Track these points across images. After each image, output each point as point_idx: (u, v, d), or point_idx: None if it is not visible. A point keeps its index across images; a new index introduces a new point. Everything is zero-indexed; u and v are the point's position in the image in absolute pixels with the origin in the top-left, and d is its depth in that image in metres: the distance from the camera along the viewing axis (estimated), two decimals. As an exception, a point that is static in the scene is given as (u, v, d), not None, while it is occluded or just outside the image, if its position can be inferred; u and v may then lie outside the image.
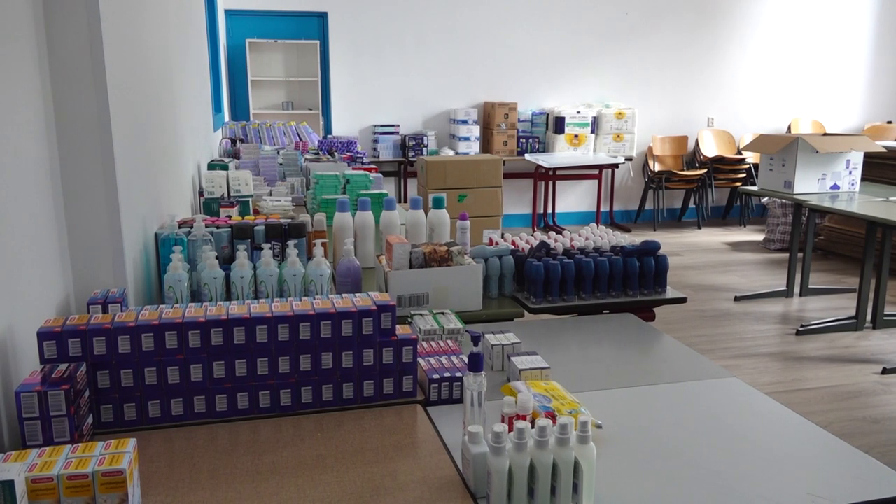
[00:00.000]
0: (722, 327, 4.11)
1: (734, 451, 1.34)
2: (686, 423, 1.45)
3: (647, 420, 1.46)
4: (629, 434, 1.39)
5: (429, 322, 1.81)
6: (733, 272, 5.31)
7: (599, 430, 1.36)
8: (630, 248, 2.25)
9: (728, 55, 7.26)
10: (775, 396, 3.20)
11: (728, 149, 7.18)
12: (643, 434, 1.40)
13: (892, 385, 3.30)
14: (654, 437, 1.38)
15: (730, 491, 1.20)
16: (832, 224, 5.76)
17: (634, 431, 1.40)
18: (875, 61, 7.58)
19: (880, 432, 2.86)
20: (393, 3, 6.55)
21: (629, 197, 7.29)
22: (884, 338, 3.92)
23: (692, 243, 6.32)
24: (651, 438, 1.38)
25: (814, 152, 4.03)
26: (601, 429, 1.36)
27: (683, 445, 1.35)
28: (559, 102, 6.94)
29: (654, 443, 1.36)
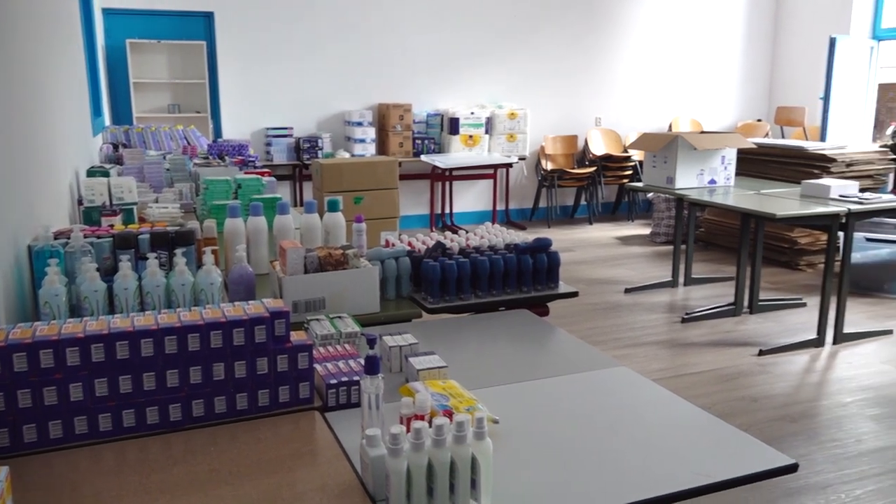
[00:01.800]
0: (614, 319, 4.27)
1: (624, 436, 1.39)
2: (579, 412, 1.50)
3: (542, 412, 1.50)
4: (525, 427, 1.42)
5: (325, 327, 1.78)
6: (623, 265, 5.53)
7: (496, 425, 1.38)
8: (523, 246, 2.31)
9: (613, 57, 7.56)
10: (664, 382, 3.36)
11: (615, 147, 7.48)
12: (538, 426, 1.43)
13: (768, 365, 3.54)
14: (548, 429, 1.42)
15: (620, 474, 1.25)
16: (711, 217, 6.10)
17: (530, 424, 1.44)
18: (745, 64, 8.09)
19: (759, 410, 3.05)
20: (282, 4, 6.43)
21: (524, 195, 7.47)
22: (759, 322, 4.19)
23: (584, 239, 6.55)
24: (546, 430, 1.42)
25: (692, 149, 4.26)
26: (498, 424, 1.39)
27: (577, 434, 1.40)
28: (453, 104, 7.02)
29: (548, 434, 1.40)
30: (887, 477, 2.51)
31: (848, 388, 3.26)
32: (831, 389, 3.27)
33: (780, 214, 3.54)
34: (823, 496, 2.40)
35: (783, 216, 3.56)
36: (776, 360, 3.61)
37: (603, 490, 1.20)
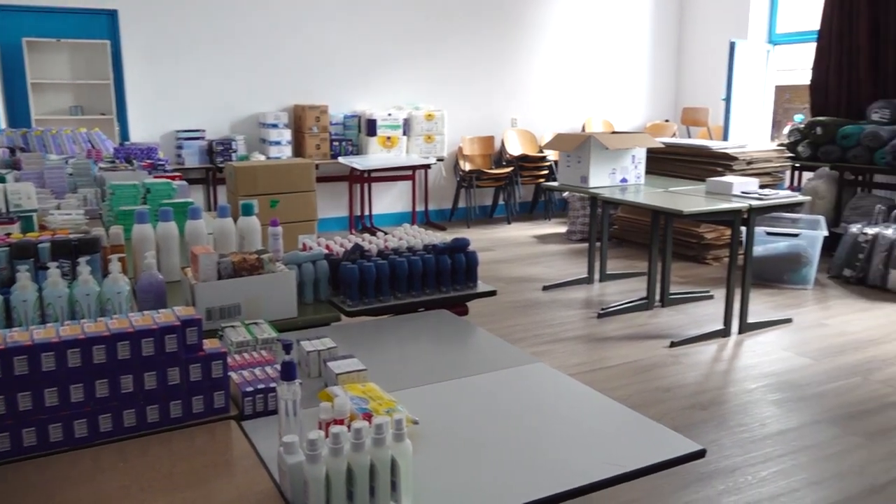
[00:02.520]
0: (533, 316, 4.35)
1: (542, 431, 1.42)
2: (498, 410, 1.52)
3: (462, 411, 1.51)
4: (446, 426, 1.43)
5: (241, 334, 1.74)
6: (541, 263, 5.64)
7: (416, 426, 1.38)
8: (441, 246, 2.32)
9: (527, 59, 7.70)
10: (582, 376, 3.45)
11: (531, 147, 7.62)
12: (458, 425, 1.44)
13: (679, 356, 3.68)
14: (468, 427, 1.43)
15: (538, 469, 1.28)
16: (624, 214, 6.30)
17: (450, 423, 1.45)
18: (653, 67, 8.39)
19: (671, 399, 3.17)
20: (191, 2, 6.24)
21: (443, 196, 7.50)
22: (671, 314, 4.36)
23: (503, 238, 6.64)
24: (466, 428, 1.43)
25: (604, 149, 4.38)
26: (418, 424, 1.39)
27: (496, 431, 1.42)
28: (370, 105, 6.98)
29: (468, 432, 1.41)
30: (789, 458, 2.66)
31: (752, 375, 3.43)
32: (737, 377, 3.43)
33: (686, 211, 3.69)
34: (732, 479, 2.51)
35: (690, 213, 3.71)
36: (687, 350, 3.76)
37: (521, 485, 1.22)
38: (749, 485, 2.47)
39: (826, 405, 3.09)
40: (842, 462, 2.62)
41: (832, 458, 2.65)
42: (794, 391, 3.24)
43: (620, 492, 2.37)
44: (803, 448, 2.73)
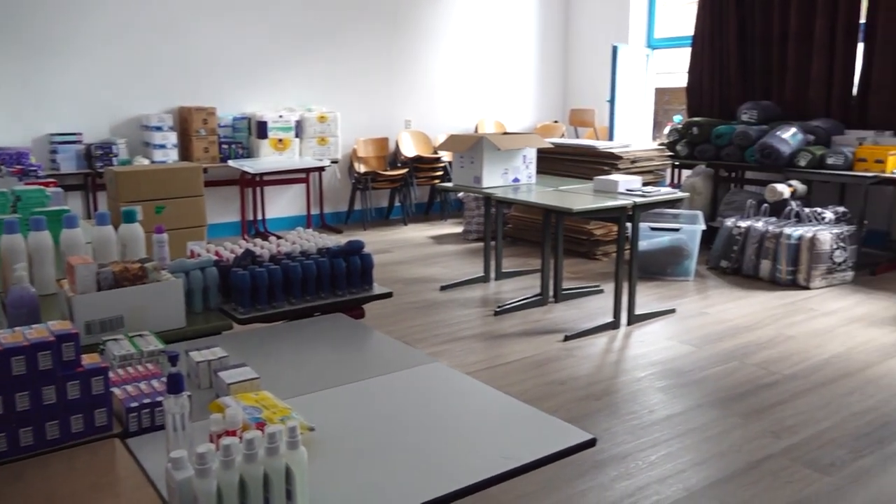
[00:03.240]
0: (431, 316, 4.38)
1: (439, 430, 1.43)
2: (395, 411, 1.52)
3: (358, 415, 1.50)
4: (342, 431, 1.42)
5: (124, 347, 1.66)
6: (438, 264, 5.69)
7: (313, 433, 1.36)
8: (336, 249, 2.30)
9: (419, 61, 7.74)
10: (481, 373, 3.51)
11: (425, 149, 7.66)
12: (355, 429, 1.43)
13: (573, 349, 3.80)
14: (365, 431, 1.43)
15: (435, 468, 1.29)
16: (517, 213, 6.44)
17: (347, 428, 1.44)
18: (541, 70, 8.63)
19: (566, 392, 3.27)
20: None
21: (338, 199, 7.43)
22: (564, 309, 4.49)
23: (400, 239, 6.65)
24: (363, 432, 1.42)
25: (496, 150, 4.46)
26: (314, 431, 1.37)
27: (393, 433, 1.42)
28: (261, 107, 6.82)
29: (365, 436, 1.40)
30: (676, 441, 2.80)
31: (641, 365, 3.59)
32: (627, 367, 3.58)
33: (576, 209, 3.82)
34: (624, 465, 2.62)
35: (579, 210, 3.84)
36: (580, 344, 3.88)
37: (418, 485, 1.23)
38: (640, 469, 2.58)
39: (707, 389, 3.28)
40: (722, 442, 2.78)
41: (714, 439, 2.81)
42: (679, 377, 3.41)
43: (518, 485, 2.43)
44: (688, 431, 2.88)
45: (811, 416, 2.99)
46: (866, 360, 3.59)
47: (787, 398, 3.17)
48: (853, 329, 4.05)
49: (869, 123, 5.84)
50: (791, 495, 2.41)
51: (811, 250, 4.83)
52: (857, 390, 3.24)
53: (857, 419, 2.96)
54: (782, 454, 2.68)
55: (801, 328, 4.08)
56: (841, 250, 4.93)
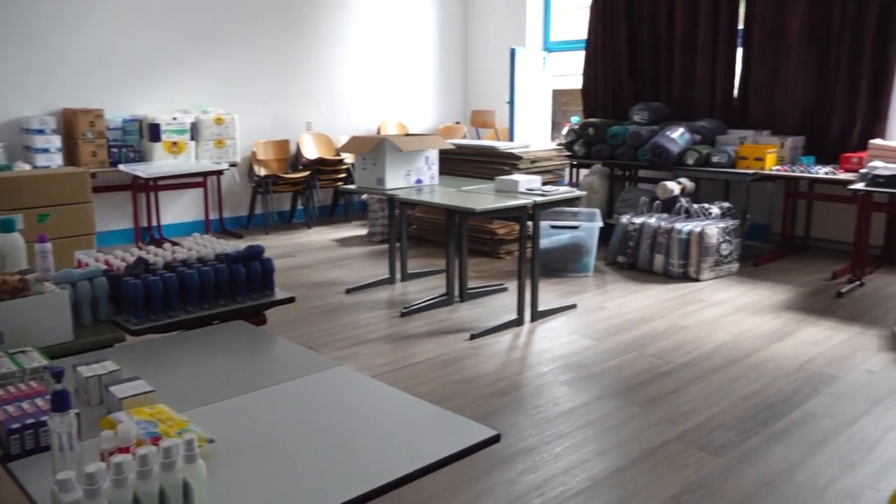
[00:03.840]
0: (337, 320, 4.33)
1: (344, 434, 1.42)
2: (299, 418, 1.50)
3: (262, 424, 1.47)
4: (245, 441, 1.38)
5: (5, 365, 1.56)
6: (343, 266, 5.63)
7: (213, 445, 1.32)
8: (234, 255, 2.24)
9: (320, 61, 7.64)
10: (388, 375, 3.50)
11: (327, 151, 7.57)
12: (259, 438, 1.40)
13: (479, 348, 3.85)
14: (269, 439, 1.39)
15: (341, 472, 1.27)
16: (421, 214, 6.47)
17: (250, 438, 1.40)
18: (442, 71, 8.70)
19: (473, 390, 3.31)
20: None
21: (238, 203, 7.23)
22: (470, 308, 4.55)
23: (304, 243, 6.54)
24: (267, 440, 1.39)
25: (399, 151, 4.46)
26: (214, 443, 1.33)
27: (297, 441, 1.39)
28: (153, 108, 6.54)
29: (269, 444, 1.37)
30: (579, 432, 2.88)
31: (545, 360, 3.68)
32: (532, 362, 3.66)
33: (478, 209, 3.87)
34: (531, 458, 2.68)
35: (482, 210, 3.89)
36: (485, 342, 3.94)
37: (324, 492, 1.21)
38: (545, 462, 2.65)
39: (608, 380, 3.39)
40: (622, 431, 2.89)
41: (614, 429, 2.91)
42: (581, 370, 3.52)
43: (427, 484, 2.44)
44: (590, 422, 2.97)
45: (703, 402, 3.15)
46: (751, 347, 3.81)
47: (682, 386, 3.32)
48: (739, 318, 4.30)
49: (749, 123, 6.22)
50: (686, 478, 2.53)
51: (700, 244, 5.08)
52: (743, 375, 3.43)
53: (744, 402, 3.14)
54: (678, 439, 2.81)
55: (692, 318, 4.29)
56: (727, 243, 5.22)
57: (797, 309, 4.45)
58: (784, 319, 4.25)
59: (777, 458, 2.66)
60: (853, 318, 4.27)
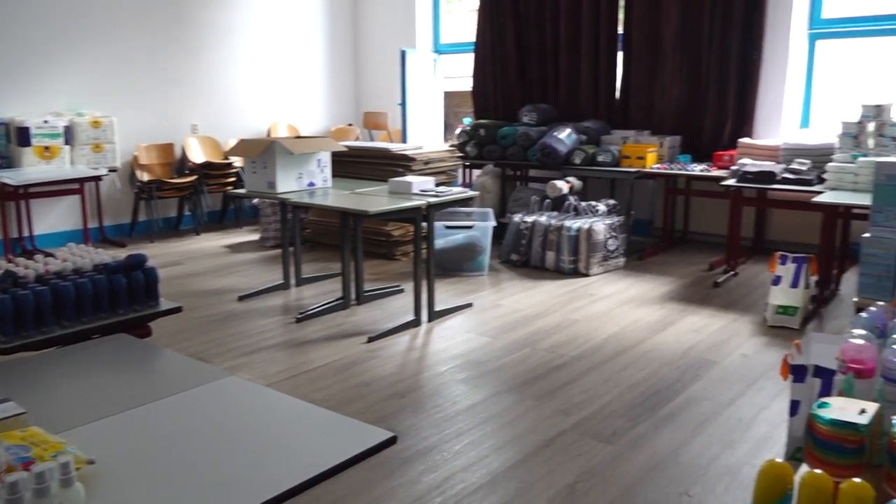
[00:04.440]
0: (229, 328, 4.20)
1: (236, 446, 1.38)
2: (188, 432, 1.44)
3: (148, 440, 1.40)
4: (130, 460, 1.31)
5: None
6: (235, 273, 5.47)
7: (93, 466, 1.25)
8: (114, 265, 2.13)
9: (206, 61, 7.38)
10: (284, 382, 3.42)
11: (215, 154, 7.33)
12: (145, 455, 1.34)
13: (377, 350, 3.84)
14: (156, 456, 1.33)
15: (234, 485, 1.23)
16: (315, 218, 6.37)
17: (135, 455, 1.33)
18: (333, 73, 8.60)
19: (372, 393, 3.29)
20: None
21: (120, 210, 6.88)
22: (367, 311, 4.52)
23: (192, 250, 6.30)
24: (153, 457, 1.33)
25: (289, 154, 4.38)
26: (94, 464, 1.26)
27: (187, 455, 1.34)
28: (21, 111, 6.12)
29: (156, 461, 1.31)
30: (477, 429, 2.93)
31: (442, 359, 3.71)
32: (430, 362, 3.68)
33: (372, 211, 3.85)
34: (430, 458, 2.69)
35: (375, 212, 3.88)
36: (383, 344, 3.93)
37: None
38: (445, 461, 2.67)
39: (504, 376, 3.46)
40: (519, 425, 2.96)
41: (511, 423, 2.97)
42: (478, 368, 3.57)
43: (326, 491, 2.41)
44: (488, 418, 3.02)
45: (595, 392, 3.26)
46: (637, 337, 3.99)
47: (574, 378, 3.43)
48: (626, 310, 4.49)
49: (630, 124, 6.51)
50: (581, 466, 2.62)
51: (588, 240, 5.27)
52: (631, 365, 3.59)
53: (632, 391, 3.28)
54: (572, 430, 2.90)
55: (583, 312, 4.44)
56: (613, 239, 5.43)
57: (679, 299, 4.70)
58: (667, 310, 4.47)
59: (664, 441, 2.80)
60: (728, 306, 4.55)
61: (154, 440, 1.40)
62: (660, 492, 2.45)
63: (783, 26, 5.80)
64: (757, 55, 5.88)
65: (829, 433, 1.26)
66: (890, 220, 2.53)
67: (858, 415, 1.27)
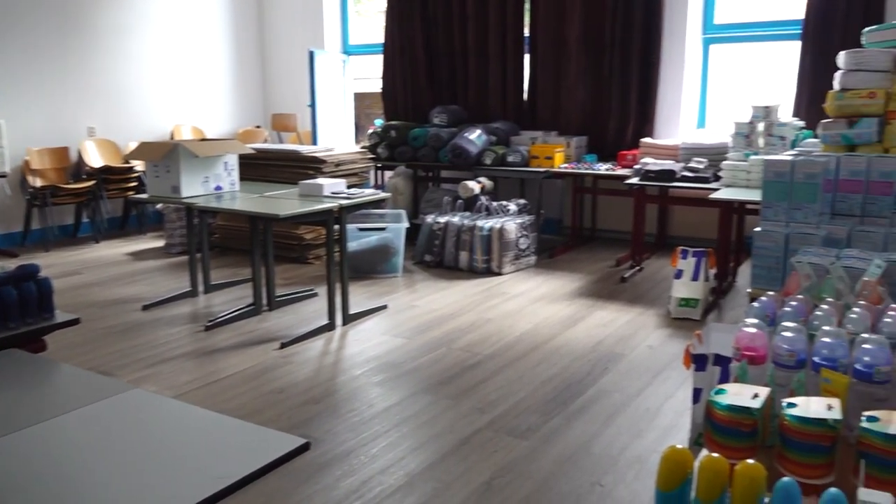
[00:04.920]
0: (134, 339, 4.03)
1: (142, 461, 1.32)
2: (89, 449, 1.37)
3: (45, 460, 1.33)
4: (22, 483, 1.24)
5: None
6: (139, 282, 5.26)
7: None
8: (3, 276, 2.00)
9: (104, 61, 7.05)
10: (194, 393, 3.32)
11: (115, 158, 7.02)
12: (41, 476, 1.27)
13: (290, 356, 3.77)
14: (53, 476, 1.27)
15: (141, 502, 1.19)
16: (223, 222, 6.20)
17: (31, 477, 1.26)
18: (239, 74, 8.39)
19: (285, 400, 3.23)
20: None
21: (11, 218, 6.48)
22: (279, 317, 4.44)
23: (92, 259, 6.02)
24: (50, 478, 1.26)
25: (194, 157, 4.24)
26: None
27: (87, 474, 1.28)
28: None
29: (54, 482, 1.25)
30: (394, 431, 2.92)
31: (358, 362, 3.68)
32: (345, 366, 3.65)
33: (282, 214, 3.78)
34: (347, 462, 2.67)
35: (286, 215, 3.81)
36: (297, 349, 3.87)
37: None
38: (363, 464, 2.65)
39: (420, 377, 3.47)
40: (436, 424, 2.97)
41: (428, 423, 2.98)
42: (394, 370, 3.57)
43: (242, 501, 2.35)
44: (405, 419, 3.02)
45: (509, 389, 3.32)
46: (549, 333, 4.08)
47: (489, 375, 3.48)
48: (538, 307, 4.59)
49: (538, 125, 6.65)
50: (497, 463, 2.65)
51: (500, 240, 5.35)
52: (543, 361, 3.67)
53: (545, 386, 3.35)
54: (487, 427, 2.94)
55: (496, 311, 4.51)
56: (524, 238, 5.54)
57: (588, 295, 4.83)
58: (577, 306, 4.59)
59: (576, 434, 2.87)
60: (635, 300, 4.72)
61: (50, 460, 1.33)
62: (573, 483, 2.52)
63: (679, 31, 6.07)
64: (656, 59, 6.12)
65: (725, 418, 1.32)
66: (778, 214, 2.68)
67: (752, 399, 1.35)
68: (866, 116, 3.12)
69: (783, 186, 2.66)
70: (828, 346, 1.54)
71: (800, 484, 1.07)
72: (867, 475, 1.19)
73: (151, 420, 1.51)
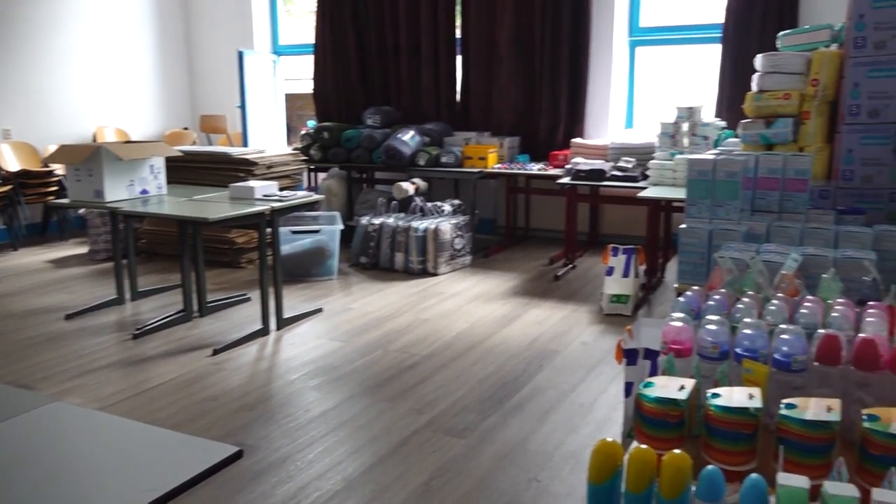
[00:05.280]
0: (56, 350, 3.87)
1: (64, 477, 1.28)
2: (5, 467, 1.31)
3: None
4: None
5: None
6: (61, 290, 5.05)
7: None
8: (-90, 288, 1.89)
9: (19, 61, 6.74)
10: (121, 404, 3.20)
11: (32, 162, 6.73)
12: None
13: (223, 362, 3.69)
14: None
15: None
16: (151, 227, 6.02)
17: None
18: (164, 75, 8.15)
19: (219, 407, 3.16)
20: None
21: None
22: (210, 323, 4.33)
23: (9, 267, 5.75)
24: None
25: (118, 160, 4.11)
26: None
27: (4, 494, 1.22)
28: None
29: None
30: (331, 435, 2.89)
31: (293, 367, 3.63)
32: (280, 371, 3.59)
33: (212, 218, 3.70)
34: (284, 468, 2.62)
35: (216, 219, 3.73)
36: (230, 356, 3.78)
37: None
38: (300, 470, 2.61)
39: (357, 380, 3.45)
40: (374, 427, 2.96)
41: (366, 426, 2.97)
42: (331, 373, 3.53)
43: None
44: (342, 423, 3.00)
45: (447, 389, 3.33)
46: (485, 333, 4.11)
47: (427, 376, 3.48)
48: (474, 306, 4.62)
49: (471, 125, 6.70)
50: (435, 462, 2.66)
51: (435, 240, 5.37)
52: (480, 360, 3.70)
53: (481, 385, 3.38)
54: (425, 427, 2.94)
55: (433, 311, 4.52)
56: (460, 238, 5.57)
57: (523, 294, 4.90)
58: (512, 304, 4.64)
59: (512, 431, 2.91)
60: (568, 297, 4.81)
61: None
62: (511, 480, 2.54)
63: (606, 33, 6.21)
64: (584, 60, 6.25)
65: (653, 410, 1.36)
66: (702, 211, 2.78)
67: (678, 391, 1.39)
68: (782, 117, 3.26)
69: (706, 185, 2.76)
70: (749, 338, 1.60)
71: (723, 471, 1.11)
72: (786, 460, 1.25)
73: (75, 434, 1.45)
